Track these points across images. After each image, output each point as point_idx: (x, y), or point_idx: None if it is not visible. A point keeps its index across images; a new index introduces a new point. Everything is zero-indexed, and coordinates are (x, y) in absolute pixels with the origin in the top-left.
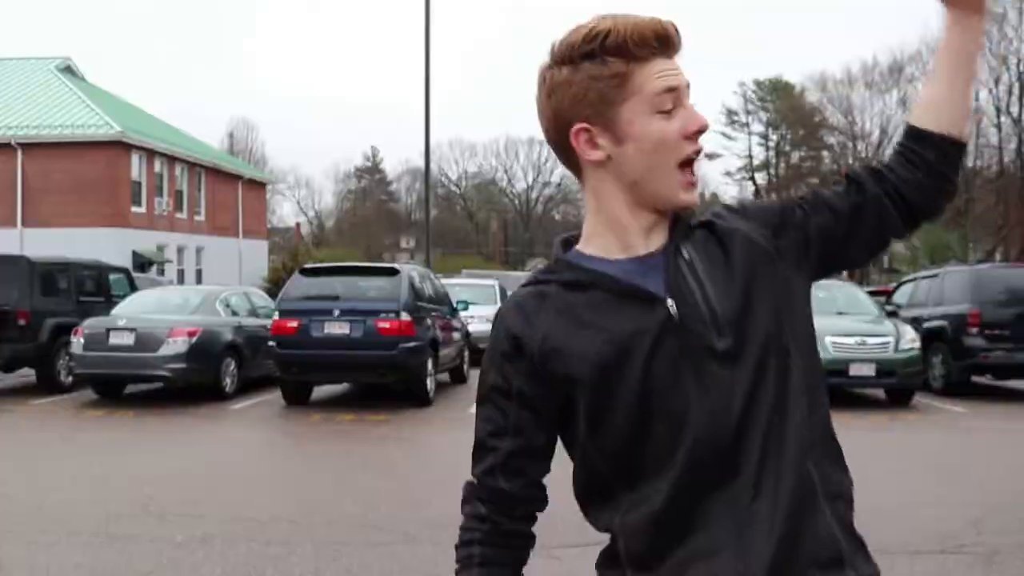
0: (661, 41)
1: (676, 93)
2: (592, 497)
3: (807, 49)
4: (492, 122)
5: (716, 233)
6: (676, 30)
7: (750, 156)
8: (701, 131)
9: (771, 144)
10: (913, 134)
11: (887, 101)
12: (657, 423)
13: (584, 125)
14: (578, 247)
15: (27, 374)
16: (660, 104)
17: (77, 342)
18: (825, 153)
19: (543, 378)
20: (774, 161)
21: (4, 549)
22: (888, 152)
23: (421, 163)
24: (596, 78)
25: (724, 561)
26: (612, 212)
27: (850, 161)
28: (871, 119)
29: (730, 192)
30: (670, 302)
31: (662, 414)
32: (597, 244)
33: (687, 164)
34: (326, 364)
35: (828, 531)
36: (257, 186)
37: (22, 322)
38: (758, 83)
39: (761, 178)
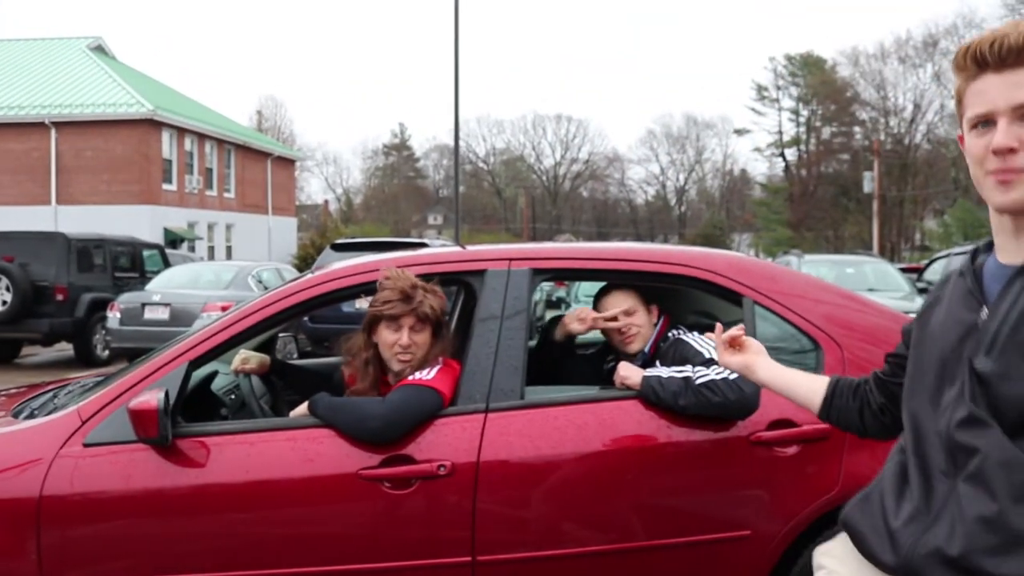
0: (978, 60)
1: (990, 114)
2: None
3: (839, 23)
4: (520, 99)
5: None
6: (1009, 43)
7: (780, 132)
8: (997, 152)
9: (802, 120)
10: None
11: (921, 76)
12: (911, 399)
13: (960, 132)
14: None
15: (65, 348)
16: (973, 122)
17: (113, 317)
18: (857, 129)
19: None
20: (804, 137)
21: None
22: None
23: (448, 140)
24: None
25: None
26: (991, 213)
27: (881, 137)
28: (904, 94)
29: (759, 168)
30: (984, 310)
31: (920, 395)
32: (996, 243)
33: (994, 172)
34: None
35: None
36: (286, 163)
37: (60, 297)
38: (789, 58)
39: (791, 154)
